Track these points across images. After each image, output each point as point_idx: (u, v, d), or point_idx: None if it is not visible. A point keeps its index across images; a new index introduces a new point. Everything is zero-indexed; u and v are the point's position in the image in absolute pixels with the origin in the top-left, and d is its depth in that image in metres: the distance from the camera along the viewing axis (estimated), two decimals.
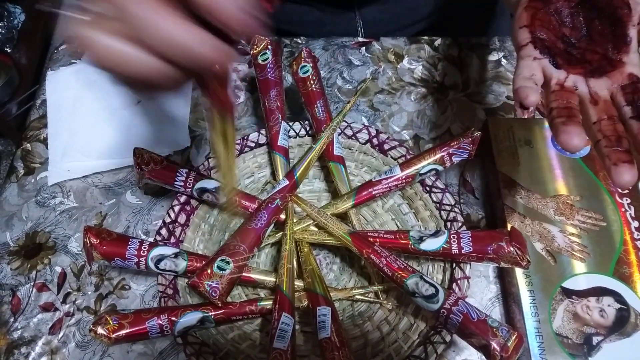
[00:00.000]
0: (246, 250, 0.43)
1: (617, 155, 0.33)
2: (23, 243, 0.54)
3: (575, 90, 0.37)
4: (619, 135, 0.34)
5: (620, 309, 0.44)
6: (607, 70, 0.37)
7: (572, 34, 0.39)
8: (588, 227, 0.48)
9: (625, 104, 0.35)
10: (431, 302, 0.39)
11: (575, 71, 0.38)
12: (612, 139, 0.34)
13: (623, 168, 0.32)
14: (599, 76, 0.37)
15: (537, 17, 0.40)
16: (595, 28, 0.38)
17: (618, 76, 0.36)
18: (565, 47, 0.39)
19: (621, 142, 0.34)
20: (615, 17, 0.37)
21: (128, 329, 0.40)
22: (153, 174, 0.46)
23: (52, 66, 0.65)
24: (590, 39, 0.38)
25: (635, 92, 0.35)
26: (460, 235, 0.42)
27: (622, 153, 0.33)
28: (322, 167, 0.54)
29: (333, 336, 0.40)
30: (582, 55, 0.38)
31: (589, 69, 0.38)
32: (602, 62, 0.37)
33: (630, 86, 0.36)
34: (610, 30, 0.38)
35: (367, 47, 0.65)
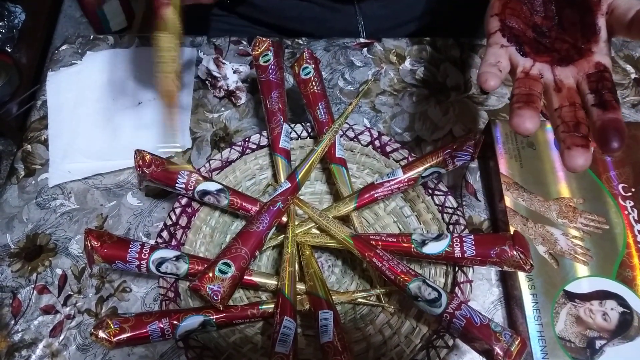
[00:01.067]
0: (248, 253, 0.43)
1: (572, 140, 0.33)
2: (24, 245, 0.53)
3: (541, 78, 0.37)
4: (578, 121, 0.34)
5: (623, 313, 0.44)
6: (574, 59, 0.37)
7: (543, 22, 0.39)
8: (591, 230, 0.48)
9: (589, 92, 0.35)
10: (434, 306, 0.39)
11: (542, 59, 0.38)
12: (570, 124, 0.34)
13: (576, 151, 0.33)
14: (566, 65, 0.37)
15: (508, 6, 0.40)
16: (566, 17, 0.38)
17: (585, 65, 0.36)
18: (535, 35, 0.39)
19: (579, 127, 0.34)
20: (585, 6, 0.37)
21: (129, 332, 0.40)
22: (154, 175, 0.46)
23: (52, 67, 0.65)
24: (561, 27, 0.38)
25: (600, 80, 0.35)
26: (463, 239, 0.42)
27: (578, 138, 0.33)
28: (324, 169, 0.54)
29: (335, 340, 0.40)
30: (552, 44, 0.38)
31: (557, 57, 0.38)
32: (570, 51, 0.37)
33: (596, 75, 0.36)
34: (580, 19, 0.38)
35: (368, 48, 0.65)
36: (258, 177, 0.53)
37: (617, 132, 0.32)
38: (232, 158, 0.50)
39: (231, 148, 0.50)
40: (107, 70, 0.63)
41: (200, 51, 0.65)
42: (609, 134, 0.32)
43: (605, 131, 0.32)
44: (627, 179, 0.50)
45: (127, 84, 0.62)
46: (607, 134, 0.32)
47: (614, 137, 0.32)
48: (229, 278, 0.41)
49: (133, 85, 0.62)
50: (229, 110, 0.61)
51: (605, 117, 0.33)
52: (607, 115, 0.33)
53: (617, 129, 0.32)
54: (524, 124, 0.33)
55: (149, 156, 0.46)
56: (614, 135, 0.32)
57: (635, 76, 0.61)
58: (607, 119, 0.33)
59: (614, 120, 0.33)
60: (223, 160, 0.50)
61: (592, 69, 0.36)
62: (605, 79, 0.35)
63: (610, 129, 0.32)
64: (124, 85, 0.62)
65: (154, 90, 0.62)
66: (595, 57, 0.36)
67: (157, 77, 0.42)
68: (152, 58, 0.42)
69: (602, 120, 0.33)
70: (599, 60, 0.36)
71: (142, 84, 0.62)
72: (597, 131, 0.33)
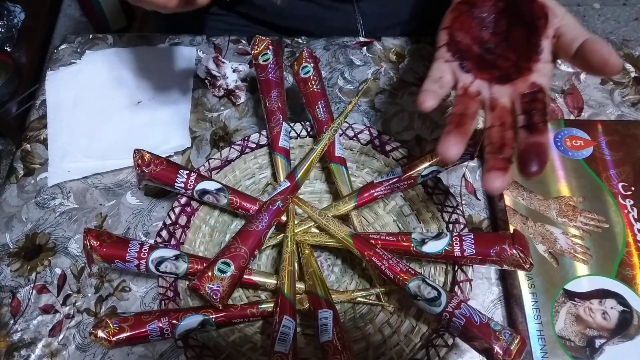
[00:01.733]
0: (247, 253, 0.43)
1: (493, 162, 0.34)
2: (23, 244, 0.53)
3: (478, 96, 0.38)
4: (503, 142, 0.35)
5: (623, 312, 0.44)
6: (512, 78, 0.37)
7: (491, 38, 0.40)
8: (591, 229, 0.48)
9: (520, 113, 0.36)
10: (433, 305, 0.39)
11: (483, 76, 0.38)
12: (496, 145, 0.35)
13: (494, 175, 0.33)
14: (504, 83, 0.38)
15: (458, 20, 0.41)
16: (513, 35, 0.39)
17: (521, 84, 0.37)
18: (480, 51, 0.39)
19: (503, 149, 0.34)
20: (533, 26, 0.38)
21: (128, 332, 0.40)
22: (153, 174, 0.46)
23: (52, 66, 0.65)
24: (507, 45, 0.39)
25: (532, 101, 0.36)
26: (463, 238, 0.42)
27: (500, 160, 0.34)
28: (324, 169, 0.54)
29: (335, 339, 0.40)
30: (495, 60, 0.39)
31: (497, 74, 0.38)
32: (510, 69, 0.38)
33: (530, 95, 0.36)
34: (527, 38, 0.38)
35: (368, 47, 0.65)
36: (257, 176, 0.53)
37: (537, 157, 0.33)
38: (231, 157, 0.50)
39: (230, 147, 0.50)
40: (106, 69, 0.63)
41: (200, 50, 0.65)
42: (529, 158, 0.33)
43: (526, 155, 0.33)
44: (626, 178, 0.50)
45: (127, 83, 0.62)
46: (527, 158, 0.33)
47: (533, 162, 0.33)
48: (228, 277, 0.41)
49: (132, 85, 0.62)
50: (229, 109, 0.61)
51: (529, 141, 0.34)
52: (531, 138, 0.34)
53: (537, 154, 0.33)
54: (448, 152, 0.34)
55: (148, 155, 0.46)
56: (533, 160, 0.33)
57: (635, 75, 0.61)
58: (531, 142, 0.34)
59: (537, 144, 0.33)
60: (222, 160, 0.50)
61: (527, 89, 0.37)
62: (538, 100, 0.36)
63: (531, 153, 0.33)
64: (123, 84, 0.62)
65: (153, 90, 0.62)
66: (532, 76, 0.37)
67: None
68: (151, 57, 0.42)
69: (525, 144, 0.34)
70: (535, 80, 0.37)
71: (141, 83, 0.62)
72: (519, 154, 0.34)
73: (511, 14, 0.39)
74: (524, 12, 0.39)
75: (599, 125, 0.54)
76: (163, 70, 0.63)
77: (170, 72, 0.63)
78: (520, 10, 0.39)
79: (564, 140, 0.53)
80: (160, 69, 0.63)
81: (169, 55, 0.65)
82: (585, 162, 0.51)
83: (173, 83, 0.62)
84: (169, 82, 0.62)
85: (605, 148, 0.52)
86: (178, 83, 0.62)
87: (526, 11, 0.38)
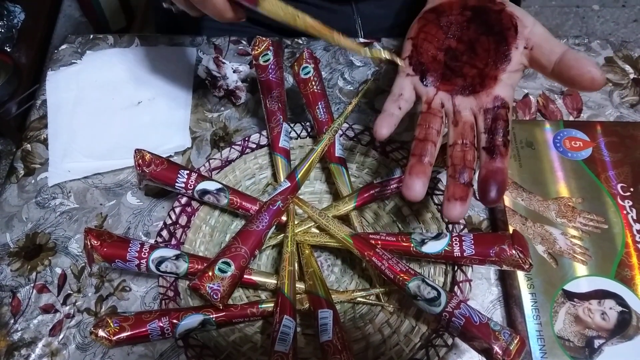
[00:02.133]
0: (247, 252, 0.43)
1: (453, 190, 0.34)
2: (23, 244, 0.53)
3: (442, 108, 0.38)
4: (464, 165, 0.35)
5: (622, 312, 0.44)
6: (476, 90, 0.37)
7: (458, 46, 0.39)
8: (590, 229, 0.48)
9: (483, 131, 0.36)
10: (433, 305, 0.39)
11: (445, 88, 0.39)
12: (457, 168, 0.35)
13: (453, 205, 0.34)
14: (467, 95, 0.38)
15: (424, 30, 0.41)
16: (482, 44, 0.39)
17: (484, 97, 0.37)
18: (445, 59, 0.39)
19: (463, 174, 0.35)
20: (502, 36, 0.38)
21: (129, 331, 0.40)
22: (154, 174, 0.46)
23: (52, 66, 0.65)
24: (474, 53, 0.39)
25: (495, 119, 0.36)
26: (462, 238, 0.42)
27: (460, 187, 0.34)
28: (324, 169, 0.54)
29: (335, 339, 0.40)
30: (461, 68, 0.39)
31: (461, 85, 0.38)
32: (475, 79, 0.38)
33: (492, 111, 0.36)
34: (495, 47, 0.38)
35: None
36: (258, 176, 0.53)
37: (496, 185, 0.34)
38: (231, 157, 0.50)
39: (231, 147, 0.50)
40: (106, 69, 0.63)
41: (200, 51, 0.66)
42: (488, 186, 0.34)
43: (485, 183, 0.34)
44: (625, 179, 0.51)
45: (127, 83, 0.62)
46: (487, 186, 0.34)
47: (492, 190, 0.34)
48: (229, 277, 0.41)
49: (133, 85, 0.62)
50: (229, 109, 0.61)
51: (490, 167, 0.34)
52: (492, 164, 0.34)
53: (497, 182, 0.34)
54: (411, 193, 0.35)
55: (148, 155, 0.46)
56: (492, 188, 0.34)
57: (634, 76, 0.62)
58: (491, 169, 0.34)
59: (497, 171, 0.34)
60: (223, 160, 0.50)
61: (490, 102, 0.37)
62: (500, 118, 0.36)
63: (491, 181, 0.34)
64: (124, 84, 0.62)
65: (153, 90, 0.62)
66: (497, 88, 0.37)
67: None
68: (151, 57, 0.42)
69: (486, 170, 0.34)
70: (498, 93, 0.37)
71: (141, 84, 0.62)
72: (479, 180, 0.34)
73: (479, 23, 0.39)
74: (492, 22, 0.38)
75: (598, 126, 0.54)
76: (163, 71, 0.63)
77: (171, 73, 0.63)
78: (489, 19, 0.39)
79: (563, 141, 0.53)
80: (161, 70, 0.63)
81: (169, 55, 0.65)
82: (585, 163, 0.52)
83: (173, 83, 0.62)
84: (169, 82, 0.62)
85: (604, 149, 0.52)
86: (178, 83, 0.62)
87: (495, 20, 0.38)
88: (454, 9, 0.40)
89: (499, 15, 0.38)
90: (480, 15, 0.39)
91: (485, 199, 0.34)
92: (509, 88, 0.37)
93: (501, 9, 0.38)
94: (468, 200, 0.34)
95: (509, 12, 0.38)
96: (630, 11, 1.72)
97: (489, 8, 0.39)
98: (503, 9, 0.38)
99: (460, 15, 0.40)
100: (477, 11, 0.39)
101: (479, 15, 0.39)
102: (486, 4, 0.39)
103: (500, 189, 0.34)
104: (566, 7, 1.74)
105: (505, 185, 0.34)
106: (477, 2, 0.40)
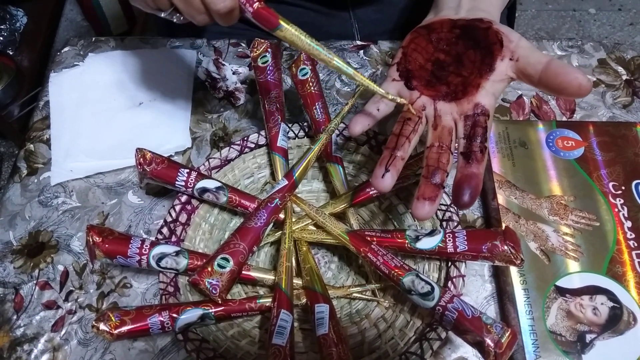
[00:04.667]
0: (246, 249, 0.44)
1: (423, 189, 0.35)
2: (26, 242, 0.54)
3: (423, 111, 0.39)
4: (438, 166, 0.36)
5: (613, 307, 0.45)
6: (458, 97, 0.39)
7: (446, 58, 0.41)
8: (582, 227, 0.49)
9: (462, 136, 0.37)
10: (427, 299, 0.40)
11: (429, 93, 0.40)
12: (431, 169, 0.36)
13: (422, 204, 0.35)
14: (449, 100, 0.39)
15: (414, 41, 0.43)
16: (469, 56, 0.40)
17: (465, 104, 0.38)
18: (432, 68, 0.41)
19: (436, 174, 0.36)
20: (488, 50, 0.39)
21: (130, 325, 0.41)
22: (154, 174, 0.47)
23: (55, 68, 0.66)
24: (460, 63, 0.40)
25: (474, 125, 0.37)
26: (456, 234, 0.43)
27: (430, 187, 0.35)
28: (321, 168, 0.55)
29: (331, 332, 0.41)
30: (446, 77, 0.40)
31: (445, 91, 0.39)
32: (458, 86, 0.39)
33: (472, 118, 0.37)
34: (481, 59, 0.39)
35: (365, 50, 0.66)
36: (256, 175, 0.54)
37: (470, 189, 0.34)
38: (231, 157, 0.51)
39: (230, 147, 0.51)
40: (108, 71, 0.65)
41: (200, 53, 0.67)
42: (462, 188, 0.35)
43: (459, 186, 0.35)
44: (617, 177, 0.51)
45: (128, 85, 0.63)
46: (461, 190, 0.35)
47: (465, 194, 0.34)
48: (228, 272, 0.42)
49: (134, 86, 0.63)
50: (228, 110, 0.62)
51: (465, 172, 0.35)
52: (467, 168, 0.35)
53: (471, 186, 0.34)
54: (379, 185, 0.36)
55: (149, 154, 0.47)
56: (466, 192, 0.34)
57: (626, 77, 0.63)
58: (466, 173, 0.35)
59: (472, 175, 0.35)
60: (222, 159, 0.51)
61: (471, 109, 0.38)
62: (479, 125, 0.37)
63: (465, 185, 0.35)
64: (125, 86, 0.63)
65: (154, 91, 0.63)
66: (478, 96, 0.38)
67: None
68: (152, 60, 0.43)
69: (461, 174, 0.35)
70: (479, 101, 0.38)
71: (142, 85, 0.63)
72: (454, 183, 0.35)
73: (467, 39, 0.41)
74: (479, 37, 0.40)
75: (591, 126, 0.55)
76: (164, 73, 0.64)
77: (171, 75, 0.64)
78: (476, 35, 0.40)
79: (556, 141, 0.54)
80: (162, 72, 0.65)
81: (170, 58, 0.66)
82: (577, 162, 0.53)
83: (174, 85, 0.63)
84: (170, 84, 0.64)
85: (597, 148, 0.53)
86: (179, 85, 0.63)
87: (482, 36, 0.40)
88: (444, 27, 0.42)
89: (486, 32, 0.40)
90: (468, 32, 0.41)
91: (457, 202, 0.35)
92: (491, 96, 0.38)
93: (488, 27, 0.40)
94: (437, 201, 0.35)
95: (495, 29, 0.40)
96: (626, 15, 1.74)
97: (476, 26, 0.41)
98: (490, 26, 0.40)
99: (449, 32, 0.41)
100: (465, 29, 0.41)
101: (467, 32, 0.41)
102: (474, 23, 0.41)
103: (473, 193, 0.34)
104: (562, 11, 1.75)
105: (478, 190, 0.35)
106: (466, 22, 0.41)
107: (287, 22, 0.38)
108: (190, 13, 0.38)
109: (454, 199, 0.35)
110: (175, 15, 0.40)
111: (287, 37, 0.38)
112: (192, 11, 0.38)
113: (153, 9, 0.40)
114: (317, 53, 0.39)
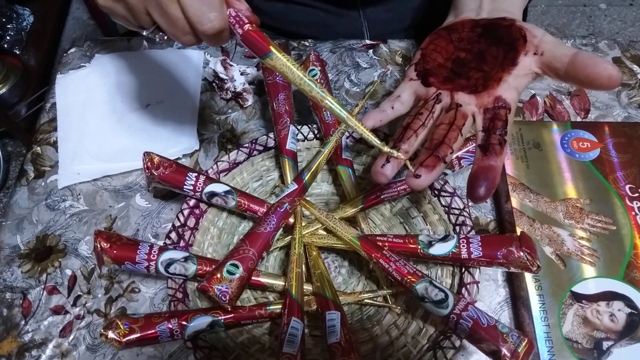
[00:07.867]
0: (255, 254, 0.43)
1: (423, 157, 0.34)
2: (33, 246, 0.54)
3: (438, 104, 0.38)
4: (442, 140, 0.35)
5: (630, 314, 0.44)
6: (478, 90, 0.37)
7: (466, 57, 0.40)
8: (598, 230, 0.48)
9: (480, 129, 0.36)
10: (441, 307, 0.39)
11: (446, 87, 0.39)
12: (434, 142, 0.35)
13: (418, 170, 0.34)
14: (469, 93, 0.38)
15: (434, 42, 0.42)
16: (491, 52, 0.39)
17: (485, 97, 0.37)
18: (452, 66, 0.40)
19: (440, 147, 0.34)
20: (512, 46, 0.38)
21: (139, 333, 0.40)
22: (162, 177, 0.47)
23: (61, 69, 0.66)
24: (483, 60, 0.39)
25: (494, 118, 0.36)
26: (470, 240, 0.42)
27: (432, 158, 0.34)
28: (331, 171, 0.54)
29: (342, 341, 0.40)
30: (467, 72, 0.39)
31: (464, 84, 0.38)
32: (479, 80, 0.38)
33: (492, 111, 0.36)
34: (504, 55, 0.38)
35: (374, 49, 0.65)
36: (265, 178, 0.54)
37: (486, 181, 0.33)
38: (239, 160, 0.51)
39: (238, 150, 0.51)
40: (115, 72, 0.64)
41: (208, 53, 0.66)
42: (478, 181, 0.33)
43: (475, 178, 0.33)
44: (634, 180, 0.50)
45: (135, 86, 0.63)
46: (477, 181, 0.33)
47: (481, 186, 0.33)
48: (237, 279, 0.42)
49: (141, 88, 0.63)
50: (236, 112, 0.62)
51: (482, 163, 0.34)
52: (485, 161, 0.34)
53: (488, 179, 0.33)
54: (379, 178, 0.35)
55: (157, 158, 0.47)
56: (482, 184, 0.33)
57: None
58: (483, 165, 0.34)
59: (489, 168, 0.33)
60: (230, 162, 0.50)
61: (491, 103, 0.36)
62: (499, 118, 0.36)
63: (481, 177, 0.33)
64: (132, 87, 0.63)
65: (161, 93, 0.62)
66: (500, 89, 0.37)
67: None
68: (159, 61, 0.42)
69: (477, 166, 0.34)
70: (500, 94, 0.36)
71: (149, 87, 0.63)
72: (470, 175, 0.34)
73: (489, 37, 0.40)
74: (502, 34, 0.39)
75: (606, 127, 0.54)
76: (171, 74, 0.64)
77: (179, 76, 0.64)
78: (499, 33, 0.39)
79: (571, 142, 0.53)
80: (169, 73, 0.64)
81: (177, 58, 0.65)
82: (592, 164, 0.51)
83: (181, 86, 0.63)
84: (177, 85, 0.63)
85: (612, 150, 0.52)
86: (186, 86, 0.63)
87: (504, 33, 0.39)
88: (465, 28, 0.41)
89: (509, 29, 0.39)
90: (491, 30, 0.40)
91: (472, 195, 0.33)
92: (513, 90, 0.37)
93: (511, 24, 0.39)
94: (434, 172, 0.34)
95: (519, 25, 0.39)
96: (637, 10, 1.71)
97: (499, 24, 0.40)
98: (513, 23, 0.39)
99: (471, 32, 0.41)
100: (487, 27, 0.40)
101: (489, 30, 0.40)
102: (497, 21, 0.40)
103: (489, 186, 0.33)
104: (573, 6, 1.73)
105: (495, 184, 0.33)
106: (489, 20, 0.40)
107: (279, 51, 0.35)
108: (174, 33, 0.34)
109: (469, 191, 0.34)
110: (158, 35, 0.37)
111: (276, 66, 0.35)
112: (176, 31, 0.34)
113: (135, 26, 0.37)
114: (308, 89, 0.35)
